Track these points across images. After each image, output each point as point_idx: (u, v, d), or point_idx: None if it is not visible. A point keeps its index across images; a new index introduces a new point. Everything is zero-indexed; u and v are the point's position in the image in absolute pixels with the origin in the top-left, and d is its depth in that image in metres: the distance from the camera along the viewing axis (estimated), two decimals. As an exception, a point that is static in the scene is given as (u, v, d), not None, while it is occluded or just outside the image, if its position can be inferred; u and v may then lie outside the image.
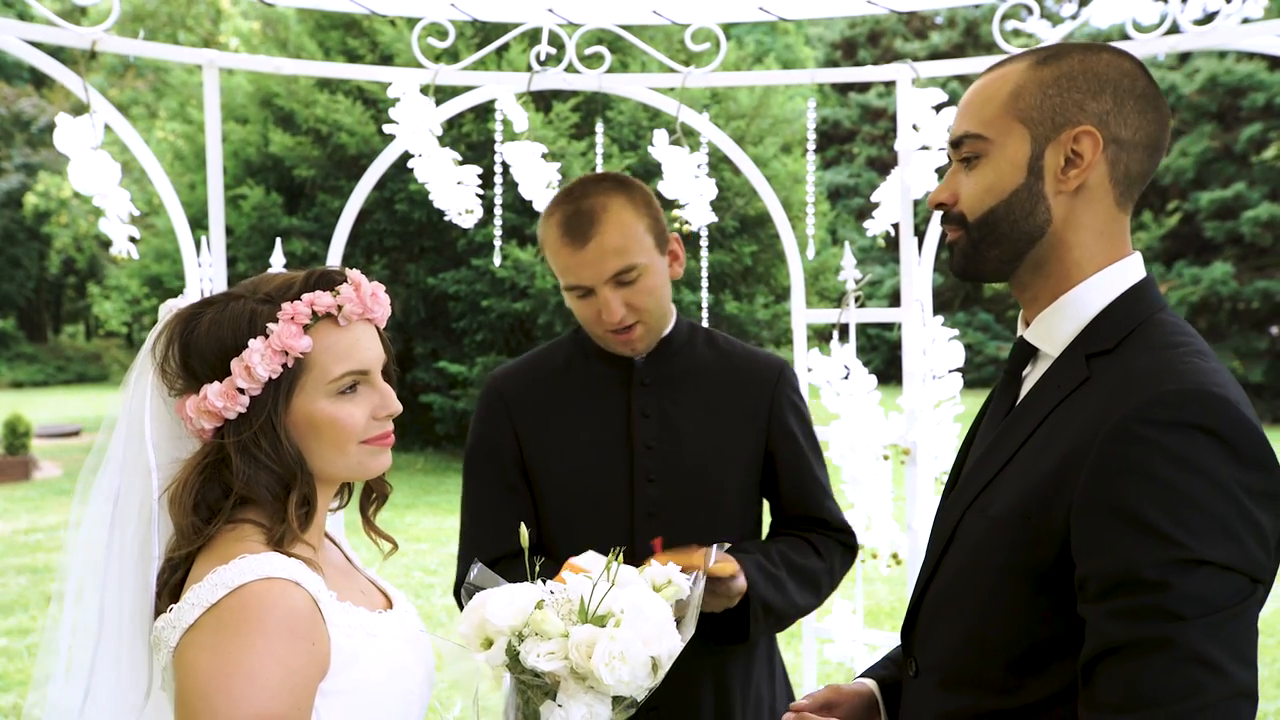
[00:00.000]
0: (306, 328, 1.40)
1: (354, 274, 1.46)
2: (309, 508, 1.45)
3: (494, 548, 2.03)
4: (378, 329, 1.49)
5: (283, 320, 1.39)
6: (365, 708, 1.40)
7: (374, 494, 1.61)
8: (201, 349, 1.41)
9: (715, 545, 1.74)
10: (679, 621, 1.50)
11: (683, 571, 1.59)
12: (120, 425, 1.46)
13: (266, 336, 1.39)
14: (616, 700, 1.40)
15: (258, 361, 1.38)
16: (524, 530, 1.51)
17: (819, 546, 2.13)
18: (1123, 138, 1.32)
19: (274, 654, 1.29)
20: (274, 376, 1.39)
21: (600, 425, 2.10)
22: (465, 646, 1.44)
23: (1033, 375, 1.42)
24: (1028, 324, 1.42)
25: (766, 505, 2.22)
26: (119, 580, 1.43)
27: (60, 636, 1.47)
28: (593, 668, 1.35)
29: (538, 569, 1.49)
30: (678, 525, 2.02)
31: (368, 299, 1.44)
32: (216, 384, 1.39)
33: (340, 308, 1.42)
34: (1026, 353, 1.42)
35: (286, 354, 1.39)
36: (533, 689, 1.41)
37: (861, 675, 1.61)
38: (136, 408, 1.45)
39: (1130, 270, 1.36)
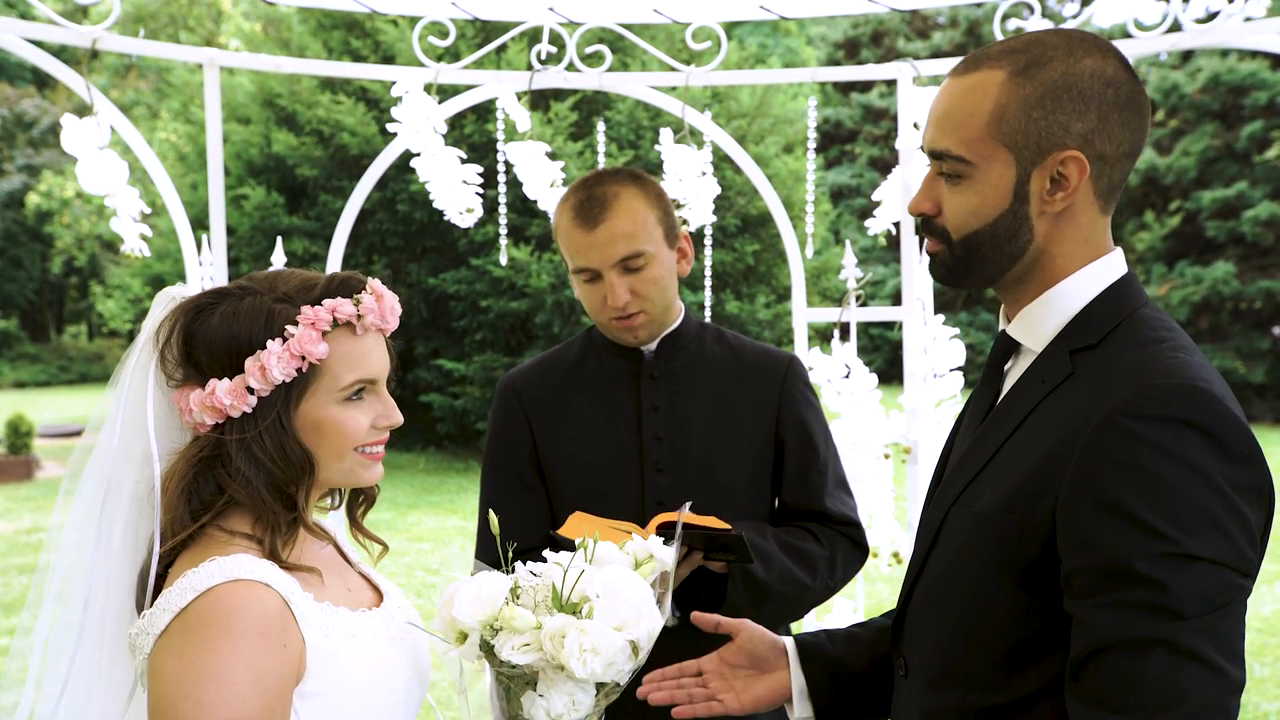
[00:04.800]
0: (325, 334, 1.39)
1: (374, 283, 1.45)
2: (299, 511, 1.43)
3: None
4: (386, 338, 1.49)
5: (303, 324, 1.38)
6: (347, 708, 1.39)
7: (362, 496, 1.60)
8: (212, 342, 1.39)
9: (688, 504, 1.76)
10: (659, 598, 1.47)
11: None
12: (115, 415, 1.44)
13: (285, 339, 1.38)
14: (600, 685, 1.39)
15: (274, 364, 1.37)
16: (493, 517, 1.53)
17: (819, 535, 2.13)
18: (1107, 154, 1.30)
19: (242, 657, 1.27)
20: (287, 380, 1.38)
21: (610, 417, 2.14)
22: (443, 640, 1.43)
23: (1015, 371, 1.41)
24: (1009, 319, 1.41)
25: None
26: (105, 575, 1.42)
27: (36, 639, 1.47)
28: (565, 661, 1.33)
29: (510, 555, 1.49)
30: None
31: (387, 311, 1.44)
32: (226, 381, 1.38)
33: (360, 317, 1.41)
34: (1008, 347, 1.42)
35: (304, 359, 1.38)
36: (513, 679, 1.40)
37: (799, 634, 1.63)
38: (136, 397, 1.43)
39: (1112, 266, 1.35)
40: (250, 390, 1.38)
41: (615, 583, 1.40)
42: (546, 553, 1.49)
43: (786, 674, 1.56)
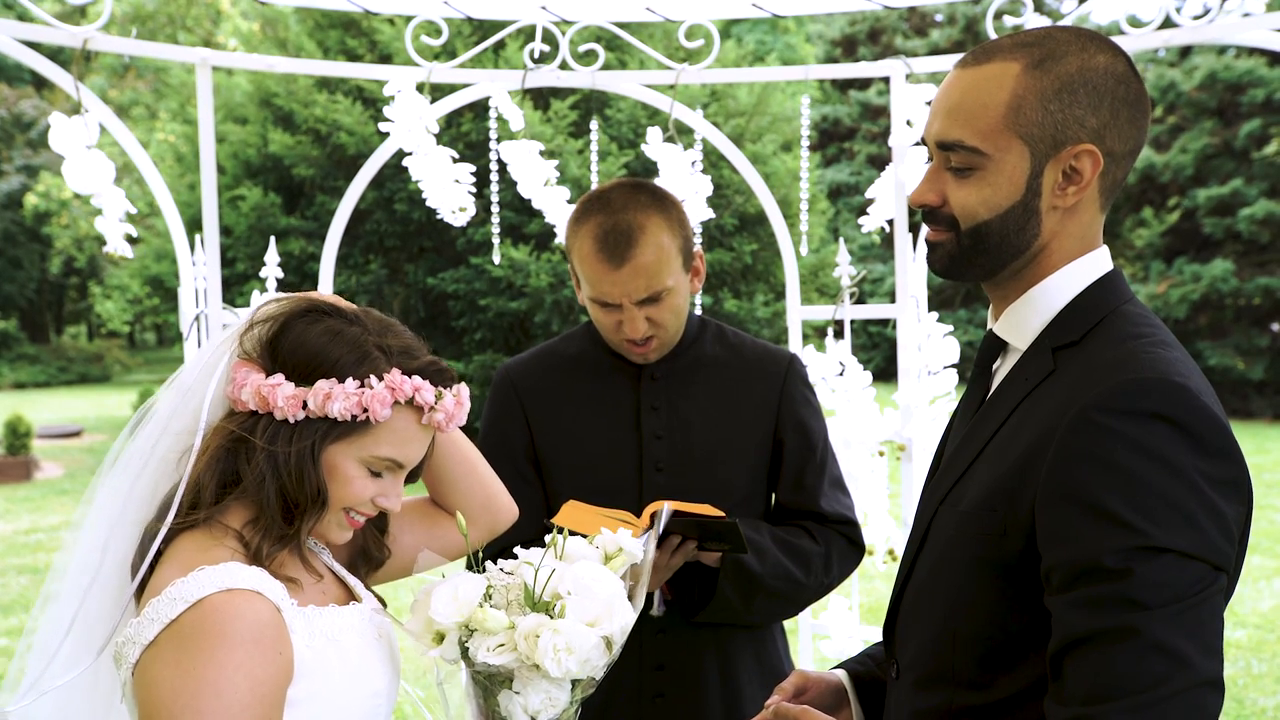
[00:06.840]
0: (395, 403, 1.41)
1: (463, 390, 1.48)
2: (294, 534, 1.44)
3: (506, 537, 2.04)
4: (434, 438, 1.51)
5: (385, 384, 1.40)
6: (331, 711, 1.39)
7: (372, 558, 1.62)
8: (302, 344, 1.42)
9: (667, 503, 1.76)
10: (632, 590, 1.47)
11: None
12: (191, 366, 1.47)
13: (362, 385, 1.40)
14: (576, 682, 1.38)
15: (339, 398, 1.39)
16: (460, 518, 1.53)
17: (815, 533, 2.14)
18: (1116, 151, 1.30)
19: (240, 666, 1.27)
20: (338, 419, 1.40)
21: (610, 415, 2.14)
22: (418, 642, 1.43)
23: (1002, 369, 1.41)
24: (996, 317, 1.41)
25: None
26: (116, 536, 1.43)
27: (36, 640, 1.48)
28: (540, 660, 1.33)
29: (480, 555, 1.49)
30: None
31: (455, 418, 1.47)
32: (290, 385, 1.40)
33: (432, 409, 1.44)
34: (996, 346, 1.41)
35: (365, 412, 1.40)
36: (490, 679, 1.39)
37: (835, 667, 1.61)
38: (214, 358, 1.46)
39: (1097, 263, 1.35)
40: (304, 405, 1.40)
41: (586, 579, 1.39)
42: (518, 550, 1.49)
43: (849, 711, 1.56)
